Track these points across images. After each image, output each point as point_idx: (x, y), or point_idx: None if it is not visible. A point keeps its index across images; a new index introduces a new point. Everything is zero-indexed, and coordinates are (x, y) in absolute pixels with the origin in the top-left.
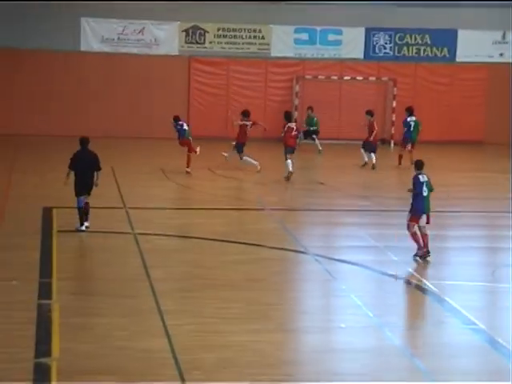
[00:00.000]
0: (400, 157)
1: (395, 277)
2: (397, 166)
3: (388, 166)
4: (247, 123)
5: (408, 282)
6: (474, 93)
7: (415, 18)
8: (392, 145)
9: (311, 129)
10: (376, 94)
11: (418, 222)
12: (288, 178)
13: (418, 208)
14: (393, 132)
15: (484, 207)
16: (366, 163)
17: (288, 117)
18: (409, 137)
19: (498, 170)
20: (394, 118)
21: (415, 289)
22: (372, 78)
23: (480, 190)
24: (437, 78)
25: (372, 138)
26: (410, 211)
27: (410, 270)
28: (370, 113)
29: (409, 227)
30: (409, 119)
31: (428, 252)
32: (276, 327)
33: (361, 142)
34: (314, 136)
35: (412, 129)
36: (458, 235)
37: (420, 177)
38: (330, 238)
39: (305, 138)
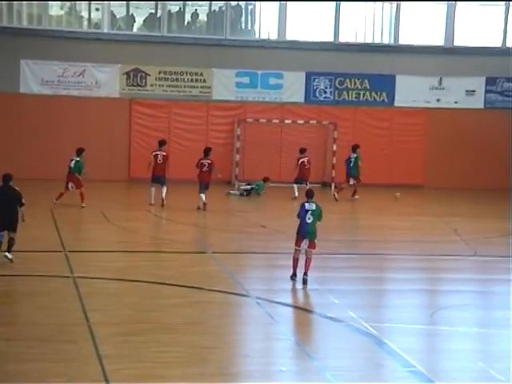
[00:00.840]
0: (339, 190)
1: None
2: (335, 202)
3: (330, 209)
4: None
5: (348, 325)
6: (413, 137)
7: (355, 63)
8: (333, 187)
9: None
10: (317, 138)
11: (298, 246)
12: (199, 208)
13: (300, 232)
14: (333, 175)
15: (423, 250)
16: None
17: (204, 152)
18: (349, 173)
19: (437, 213)
20: (334, 161)
21: (355, 331)
22: (313, 122)
23: (420, 233)
24: (376, 122)
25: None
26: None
27: (351, 312)
28: (302, 151)
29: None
30: (351, 156)
31: (303, 276)
32: (216, 371)
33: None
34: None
35: (352, 165)
36: (398, 278)
37: (306, 205)
38: (272, 280)
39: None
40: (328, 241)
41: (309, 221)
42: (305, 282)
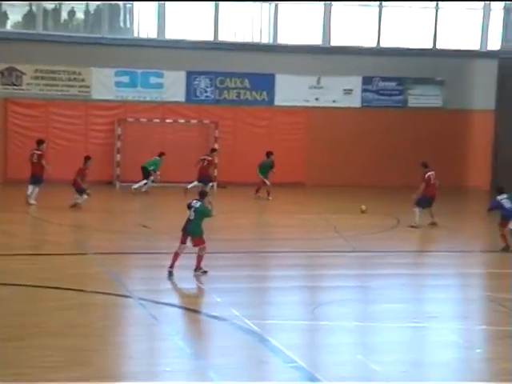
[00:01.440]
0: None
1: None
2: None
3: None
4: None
5: (231, 323)
6: (294, 136)
7: (235, 62)
8: (215, 187)
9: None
10: (198, 137)
11: (182, 242)
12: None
13: (183, 229)
14: (215, 174)
15: (305, 247)
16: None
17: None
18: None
19: (317, 211)
20: (216, 160)
21: (238, 330)
22: (194, 121)
23: (302, 230)
24: (256, 120)
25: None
26: None
27: (234, 310)
28: (213, 151)
29: None
30: (265, 160)
31: (194, 270)
32: (99, 373)
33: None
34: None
35: (262, 169)
36: (279, 275)
37: (192, 202)
38: (156, 281)
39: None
40: (212, 240)
41: (191, 217)
42: (201, 272)
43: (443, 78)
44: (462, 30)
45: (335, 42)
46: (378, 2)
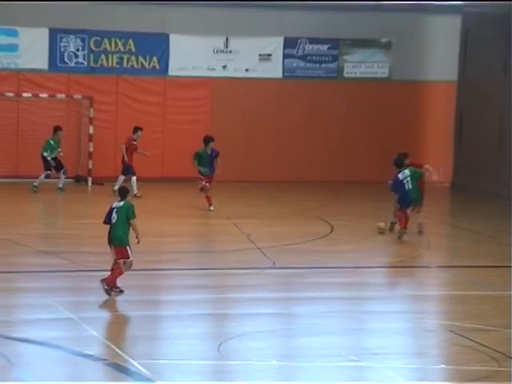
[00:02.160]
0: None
1: None
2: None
3: (87, 212)
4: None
5: (110, 364)
6: (194, 116)
7: (114, 17)
8: (90, 184)
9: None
10: (66, 117)
11: (113, 254)
12: None
13: (108, 237)
14: (90, 167)
15: (208, 263)
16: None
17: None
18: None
19: (225, 214)
20: (91, 149)
21: (120, 372)
22: (61, 96)
23: (203, 240)
24: (145, 95)
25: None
26: None
27: (114, 347)
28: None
29: None
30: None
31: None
32: None
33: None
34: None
35: (198, 160)
36: (174, 300)
37: (114, 203)
38: (8, 309)
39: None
40: (82, 253)
41: (113, 220)
42: (107, 292)
43: (390, 40)
44: None
45: None
46: None
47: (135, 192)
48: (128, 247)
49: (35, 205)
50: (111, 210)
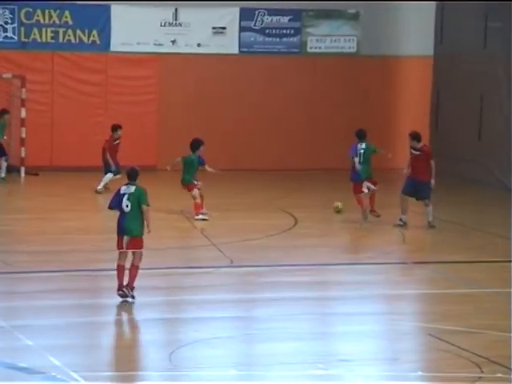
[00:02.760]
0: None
1: None
2: None
3: (18, 206)
4: None
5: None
6: (139, 96)
7: None
8: (23, 174)
9: None
10: None
11: (120, 247)
12: None
13: (118, 228)
14: (23, 156)
15: (157, 262)
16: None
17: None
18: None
19: (174, 207)
20: (24, 135)
21: None
22: None
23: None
24: (84, 74)
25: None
26: None
27: (53, 358)
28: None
29: None
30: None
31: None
32: None
33: None
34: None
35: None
36: (118, 303)
37: (123, 188)
38: None
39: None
40: (14, 253)
41: (127, 209)
42: (130, 296)
43: (358, 11)
44: None
45: None
46: None
47: (99, 188)
48: (141, 235)
49: None
50: (120, 195)
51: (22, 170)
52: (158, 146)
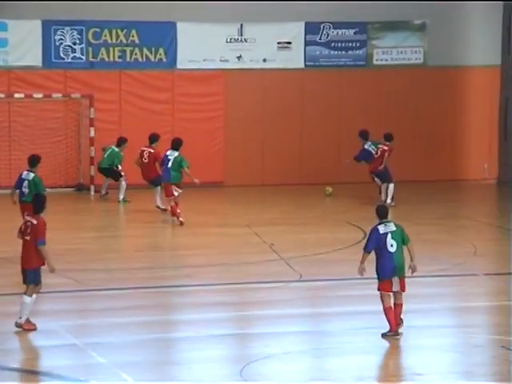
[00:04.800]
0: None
1: None
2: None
3: (85, 224)
4: None
5: None
6: (206, 113)
7: (115, 5)
8: (93, 193)
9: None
10: (64, 118)
11: (389, 289)
12: None
13: (383, 269)
14: (93, 174)
15: (226, 278)
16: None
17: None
18: (165, 175)
19: (244, 221)
20: (93, 154)
21: None
22: (57, 95)
23: (221, 252)
24: (151, 92)
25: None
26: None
27: (126, 375)
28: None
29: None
30: (168, 153)
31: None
32: None
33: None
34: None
35: (170, 165)
36: (190, 319)
37: (381, 227)
38: (6, 335)
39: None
40: (87, 271)
41: (392, 249)
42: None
43: (424, 21)
44: None
45: None
46: None
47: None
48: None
49: None
50: (379, 234)
51: (92, 189)
52: (225, 162)
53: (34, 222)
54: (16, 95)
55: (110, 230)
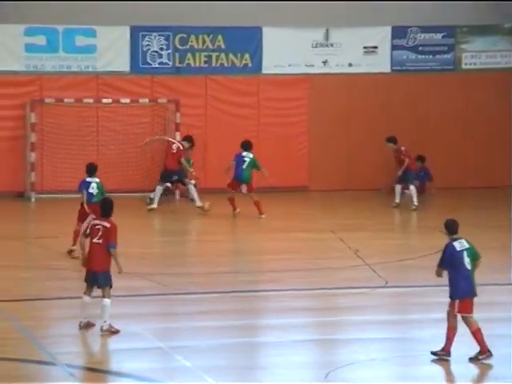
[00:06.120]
0: (231, 200)
1: None
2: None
3: (175, 228)
4: None
5: None
6: (291, 118)
7: (202, 11)
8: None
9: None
10: (151, 123)
11: (470, 311)
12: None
13: (460, 289)
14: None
15: (312, 283)
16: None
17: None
18: (239, 176)
19: (329, 226)
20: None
21: None
22: (144, 100)
23: (306, 257)
24: (237, 97)
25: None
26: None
27: (209, 379)
28: (392, 140)
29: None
30: (244, 154)
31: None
32: None
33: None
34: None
35: (244, 166)
36: (275, 324)
37: (457, 244)
38: (91, 338)
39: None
40: (171, 275)
41: (469, 267)
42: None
43: None
44: None
45: None
46: None
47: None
48: None
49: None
50: (457, 251)
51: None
52: (310, 166)
53: (107, 225)
54: (104, 100)
55: (194, 233)
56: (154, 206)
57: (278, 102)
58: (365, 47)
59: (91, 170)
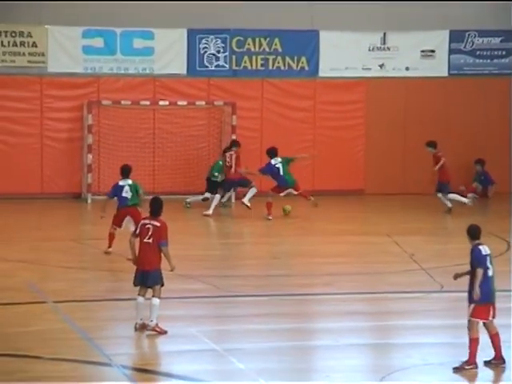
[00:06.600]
0: (269, 205)
1: None
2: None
3: (228, 231)
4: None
5: None
6: (348, 121)
7: (259, 14)
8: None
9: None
10: (207, 125)
11: (486, 316)
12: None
13: (484, 294)
14: None
15: (367, 287)
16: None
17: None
18: (283, 182)
19: (384, 230)
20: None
21: None
22: (200, 103)
23: (360, 261)
24: (293, 100)
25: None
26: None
27: (263, 382)
28: (432, 144)
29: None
30: (273, 162)
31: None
32: None
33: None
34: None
35: (282, 172)
36: (330, 328)
37: (482, 249)
38: (146, 339)
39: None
40: (226, 277)
41: (490, 272)
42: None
43: None
44: None
45: None
46: None
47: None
48: None
49: (173, 223)
50: (483, 256)
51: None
52: (366, 170)
53: (158, 224)
54: (161, 103)
55: (249, 236)
56: (210, 212)
57: (334, 105)
58: (422, 51)
59: (125, 171)
